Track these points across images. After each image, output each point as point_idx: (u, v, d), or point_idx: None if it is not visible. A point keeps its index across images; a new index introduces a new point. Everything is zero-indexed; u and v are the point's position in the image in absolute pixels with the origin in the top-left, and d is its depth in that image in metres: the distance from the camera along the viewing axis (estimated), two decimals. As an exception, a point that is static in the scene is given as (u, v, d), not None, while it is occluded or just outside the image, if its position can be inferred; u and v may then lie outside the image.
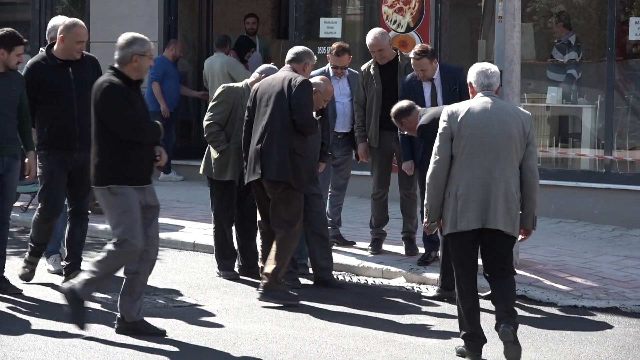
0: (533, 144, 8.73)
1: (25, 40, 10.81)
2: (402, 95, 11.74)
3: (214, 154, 11.28)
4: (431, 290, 11.02)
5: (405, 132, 11.16)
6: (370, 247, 12.56)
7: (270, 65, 11.83)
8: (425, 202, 8.85)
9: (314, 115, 10.73)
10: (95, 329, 9.27)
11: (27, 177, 10.88)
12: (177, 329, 9.56)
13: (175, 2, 19.16)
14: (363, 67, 12.56)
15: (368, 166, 12.81)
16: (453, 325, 9.29)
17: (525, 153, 8.67)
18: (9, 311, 9.97)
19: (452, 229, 8.60)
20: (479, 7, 17.42)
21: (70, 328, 9.17)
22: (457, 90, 11.54)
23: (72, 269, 10.82)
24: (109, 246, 9.10)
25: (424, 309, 10.45)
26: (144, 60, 9.16)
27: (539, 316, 10.43)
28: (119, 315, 9.22)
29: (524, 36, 14.77)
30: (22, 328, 9.46)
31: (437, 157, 8.61)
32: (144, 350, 8.80)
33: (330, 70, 12.78)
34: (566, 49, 16.07)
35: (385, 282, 11.59)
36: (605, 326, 10.19)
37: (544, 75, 16.46)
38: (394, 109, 11.05)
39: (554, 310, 10.72)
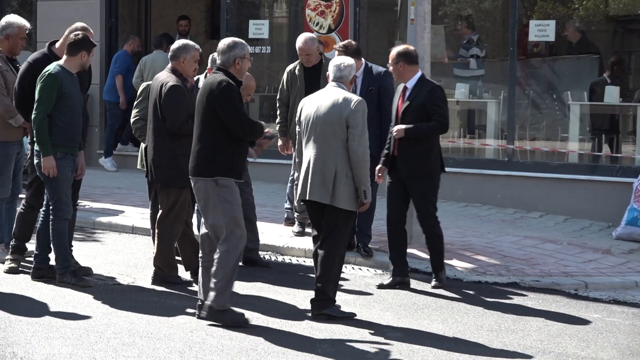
0: (354, 127, 9.07)
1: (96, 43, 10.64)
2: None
3: (143, 147, 11.20)
4: None
5: None
6: (295, 231, 12.55)
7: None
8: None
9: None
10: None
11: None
12: (115, 304, 9.52)
13: (116, 5, 19.06)
14: (289, 68, 12.41)
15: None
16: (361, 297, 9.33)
17: (348, 135, 9.09)
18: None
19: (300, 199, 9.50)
20: (395, 11, 17.48)
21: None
22: (373, 91, 11.42)
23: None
24: (220, 247, 8.87)
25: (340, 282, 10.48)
26: (244, 62, 9.03)
27: (446, 292, 10.50)
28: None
29: (436, 37, 14.86)
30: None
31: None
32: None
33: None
34: (470, 47, 16.19)
35: (308, 261, 11.59)
36: (506, 299, 10.29)
37: (453, 72, 16.55)
38: None
39: (461, 285, 10.80)
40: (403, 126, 10.34)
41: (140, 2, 20.06)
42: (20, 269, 10.64)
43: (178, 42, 10.41)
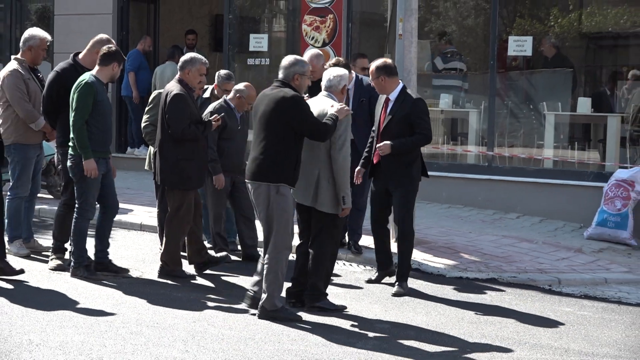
0: (337, 136, 9.03)
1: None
2: None
3: (152, 151, 11.20)
4: None
5: None
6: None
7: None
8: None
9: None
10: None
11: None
12: (123, 296, 9.53)
13: (127, 20, 19.06)
14: None
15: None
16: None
17: (331, 143, 9.08)
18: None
19: None
20: (384, 26, 17.48)
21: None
22: (364, 102, 11.32)
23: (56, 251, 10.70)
24: (269, 252, 8.85)
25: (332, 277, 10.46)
26: (304, 79, 8.99)
27: (430, 285, 10.51)
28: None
29: (422, 51, 14.87)
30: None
31: None
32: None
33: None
34: (446, 59, 16.20)
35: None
36: (485, 294, 10.30)
37: (438, 84, 16.57)
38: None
39: (443, 281, 10.81)
40: (389, 142, 9.93)
41: (149, 17, 20.05)
42: (62, 266, 10.54)
43: (187, 55, 10.36)
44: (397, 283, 10.14)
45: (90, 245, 10.38)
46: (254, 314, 8.86)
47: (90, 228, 10.32)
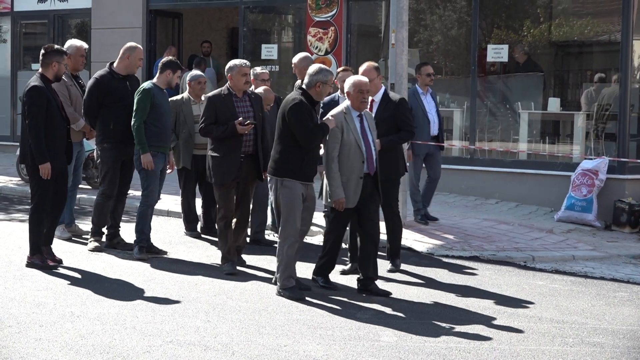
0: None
1: (183, 67, 10.54)
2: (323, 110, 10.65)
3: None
4: None
5: None
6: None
7: (200, 73, 11.77)
8: None
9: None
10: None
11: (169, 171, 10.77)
12: (153, 273, 9.52)
13: (155, 32, 19.03)
14: None
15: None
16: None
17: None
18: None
19: None
20: (379, 37, 17.43)
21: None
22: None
23: (113, 235, 10.71)
24: (279, 237, 8.76)
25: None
26: (325, 87, 8.72)
27: (420, 262, 10.47)
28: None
29: (412, 58, 14.80)
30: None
31: None
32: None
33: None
34: None
35: (309, 239, 11.55)
36: (468, 270, 10.26)
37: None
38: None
39: (432, 259, 10.78)
40: (378, 140, 9.21)
41: (174, 30, 20.03)
42: (99, 247, 10.56)
43: (228, 64, 9.77)
44: (391, 261, 10.06)
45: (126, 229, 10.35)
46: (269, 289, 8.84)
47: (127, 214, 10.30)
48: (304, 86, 8.79)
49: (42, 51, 9.52)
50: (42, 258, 9.53)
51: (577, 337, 7.70)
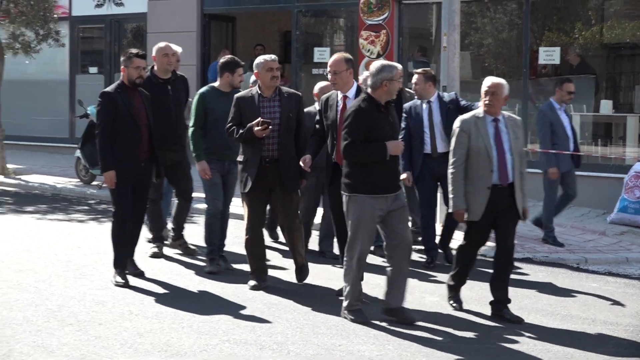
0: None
1: (242, 63, 9.92)
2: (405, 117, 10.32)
3: None
4: None
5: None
6: None
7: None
8: None
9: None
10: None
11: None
12: (207, 274, 9.57)
13: (209, 36, 19.18)
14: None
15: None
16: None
17: None
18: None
19: None
20: (430, 40, 17.41)
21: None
22: (451, 109, 10.17)
23: (177, 237, 10.62)
24: (346, 255, 7.91)
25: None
26: (393, 84, 7.72)
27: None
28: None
29: (463, 61, 14.74)
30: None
31: None
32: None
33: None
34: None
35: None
36: (521, 272, 10.19)
37: (480, 89, 16.39)
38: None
39: (485, 261, 10.70)
40: None
41: (227, 34, 20.14)
42: (157, 253, 10.42)
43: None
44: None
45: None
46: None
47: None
48: (368, 90, 7.84)
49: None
50: (121, 273, 9.03)
51: (630, 340, 7.61)
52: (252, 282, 8.94)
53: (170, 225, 10.85)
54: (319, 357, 6.82)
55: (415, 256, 9.96)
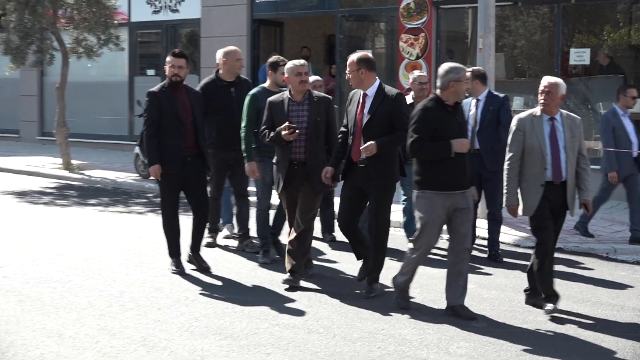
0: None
1: (283, 61, 9.56)
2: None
3: None
4: None
5: None
6: None
7: (317, 77, 10.86)
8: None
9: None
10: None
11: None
12: (260, 266, 9.61)
13: (258, 40, 19.22)
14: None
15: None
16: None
17: None
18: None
19: None
20: (466, 42, 17.32)
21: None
22: (492, 110, 9.96)
23: (244, 238, 10.26)
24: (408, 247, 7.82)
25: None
26: (460, 85, 7.47)
27: (507, 253, 10.36)
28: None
29: (497, 62, 14.65)
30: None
31: None
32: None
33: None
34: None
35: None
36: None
37: (513, 89, 16.32)
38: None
39: (519, 249, 10.67)
40: (374, 142, 7.88)
41: (276, 37, 20.20)
42: (211, 243, 10.42)
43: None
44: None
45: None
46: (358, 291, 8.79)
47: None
48: (437, 90, 7.61)
49: None
50: (177, 263, 9.07)
51: (659, 326, 7.55)
52: (285, 281, 8.56)
53: (235, 230, 10.70)
54: (363, 341, 6.83)
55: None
